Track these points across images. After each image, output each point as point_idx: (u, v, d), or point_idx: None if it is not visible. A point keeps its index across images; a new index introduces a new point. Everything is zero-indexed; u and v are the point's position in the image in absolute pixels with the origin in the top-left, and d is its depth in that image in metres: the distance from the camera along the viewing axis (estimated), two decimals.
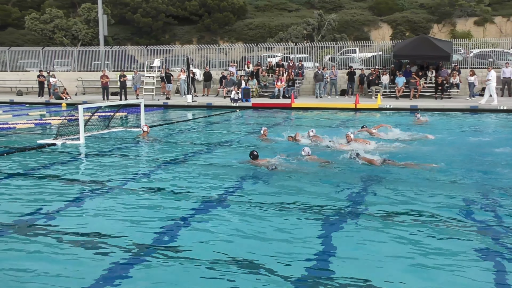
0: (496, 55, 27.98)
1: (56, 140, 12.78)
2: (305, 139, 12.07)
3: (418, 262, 5.01)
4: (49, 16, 42.97)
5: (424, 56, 25.33)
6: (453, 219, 6.28)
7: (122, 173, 9.18)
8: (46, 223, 6.30)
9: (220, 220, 6.37)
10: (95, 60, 33.64)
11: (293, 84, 26.61)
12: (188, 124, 17.54)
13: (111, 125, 15.76)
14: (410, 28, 43.00)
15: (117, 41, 44.86)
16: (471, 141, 12.68)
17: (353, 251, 5.29)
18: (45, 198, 7.47)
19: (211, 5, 46.25)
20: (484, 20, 42.44)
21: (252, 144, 12.10)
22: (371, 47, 32.83)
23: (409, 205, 6.90)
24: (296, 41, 37.21)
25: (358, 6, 48.66)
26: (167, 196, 7.62)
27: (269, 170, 8.90)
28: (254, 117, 20.07)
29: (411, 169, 9.07)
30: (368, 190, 7.85)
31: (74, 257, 5.21)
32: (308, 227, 6.05)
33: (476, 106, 20.86)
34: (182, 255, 5.21)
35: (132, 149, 12.04)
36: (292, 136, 12.19)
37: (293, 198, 7.28)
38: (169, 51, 34.89)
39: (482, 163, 9.79)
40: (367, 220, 6.30)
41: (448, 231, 5.86)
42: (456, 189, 7.75)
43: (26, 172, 9.36)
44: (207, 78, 28.40)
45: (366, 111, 21.13)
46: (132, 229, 6.04)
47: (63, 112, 21.99)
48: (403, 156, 10.02)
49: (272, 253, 5.24)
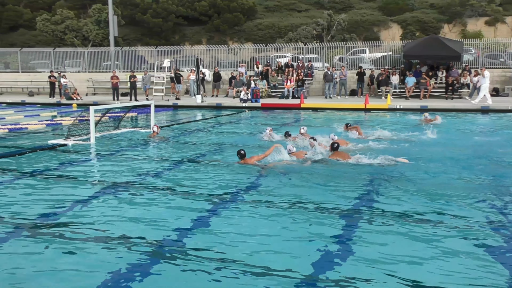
0: (507, 55, 27.78)
1: (67, 140, 12.89)
2: (299, 138, 12.29)
3: (422, 260, 5.01)
4: (60, 17, 43.32)
5: (434, 56, 25.18)
6: (453, 217, 6.27)
7: (132, 173, 9.23)
8: (57, 223, 6.36)
9: (230, 220, 6.39)
10: (106, 60, 33.84)
11: (302, 84, 26.59)
12: (197, 125, 17.59)
13: (121, 125, 15.86)
14: (420, 28, 42.77)
15: (127, 42, 45.09)
16: (469, 140, 12.80)
17: (359, 251, 5.30)
18: (56, 198, 7.54)
19: (220, 5, 46.35)
20: (495, 20, 42.13)
21: (257, 144, 12.13)
22: (381, 47, 32.73)
23: (412, 205, 6.90)
24: (306, 41, 37.17)
25: (368, 6, 48.50)
26: (177, 196, 7.66)
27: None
28: (263, 117, 20.08)
29: (416, 168, 9.07)
30: (368, 189, 7.84)
31: (85, 257, 5.25)
32: (319, 227, 6.05)
33: (487, 106, 20.71)
34: (192, 254, 5.24)
35: (142, 150, 12.11)
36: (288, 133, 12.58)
37: (301, 197, 7.29)
38: (178, 52, 35.02)
39: (480, 163, 9.87)
40: (373, 219, 6.29)
41: (448, 230, 5.84)
42: (451, 189, 7.73)
43: (37, 172, 9.45)
44: (216, 79, 28.46)
45: (376, 112, 21.07)
46: (142, 229, 6.08)
47: (74, 112, 22.14)
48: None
49: (283, 253, 5.26)
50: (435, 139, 12.72)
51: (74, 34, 42.82)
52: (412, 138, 12.76)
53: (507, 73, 25.74)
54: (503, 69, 26.52)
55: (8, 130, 15.58)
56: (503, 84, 25.82)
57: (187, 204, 7.19)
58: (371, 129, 14.27)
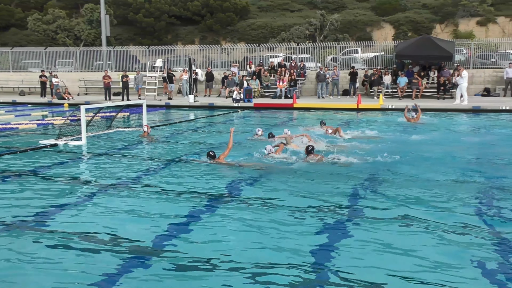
0: (499, 56, 27.96)
1: (58, 140, 12.81)
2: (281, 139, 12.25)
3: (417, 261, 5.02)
4: (52, 16, 43.06)
5: (426, 56, 25.29)
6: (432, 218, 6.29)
7: (123, 173, 9.19)
8: (47, 223, 6.32)
9: (220, 220, 6.38)
10: (98, 60, 33.71)
11: (295, 84, 26.61)
12: (189, 125, 17.56)
13: (113, 125, 15.79)
14: (412, 28, 42.91)
15: (120, 42, 44.92)
16: (450, 140, 12.99)
17: (351, 251, 5.30)
18: (47, 198, 7.49)
19: (213, 5, 46.28)
20: (487, 20, 42.34)
21: (250, 144, 12.12)
22: (373, 47, 32.82)
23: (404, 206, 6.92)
24: (298, 41, 37.20)
25: (360, 6, 48.60)
26: (168, 196, 7.63)
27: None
28: (256, 117, 20.07)
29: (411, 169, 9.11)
30: (352, 190, 7.85)
31: (73, 257, 5.21)
32: (311, 227, 6.05)
33: (479, 106, 20.81)
34: (182, 255, 5.22)
35: (133, 150, 12.06)
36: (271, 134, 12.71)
37: (294, 198, 7.30)
38: (171, 52, 34.95)
39: (467, 162, 10.04)
40: (363, 220, 6.30)
41: (438, 231, 5.86)
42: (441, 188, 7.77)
43: (28, 172, 9.38)
44: (209, 79, 28.43)
45: (368, 112, 21.12)
46: (132, 229, 6.05)
47: (66, 112, 22.03)
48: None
49: (275, 253, 5.25)
50: (420, 139, 12.96)
51: (66, 33, 42.58)
52: (389, 137, 13.05)
53: (498, 73, 25.88)
54: (494, 69, 26.67)
55: (0, 129, 15.47)
56: (495, 84, 25.96)
57: (178, 204, 7.17)
58: (351, 129, 14.42)
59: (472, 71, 26.66)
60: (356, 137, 12.91)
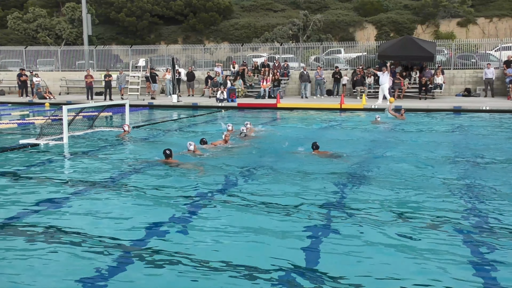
0: (479, 56, 28.34)
1: (39, 140, 12.64)
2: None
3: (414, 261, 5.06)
4: (32, 15, 42.47)
5: (408, 56, 25.53)
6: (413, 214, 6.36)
7: (105, 173, 9.11)
8: (27, 223, 6.23)
9: (204, 220, 6.36)
10: (79, 59, 33.35)
11: (278, 84, 26.65)
12: (172, 124, 17.47)
13: (95, 125, 15.64)
14: (394, 29, 43.27)
15: (102, 41, 44.49)
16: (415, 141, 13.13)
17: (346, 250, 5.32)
18: (27, 198, 7.38)
19: (196, 5, 46.09)
20: (467, 21, 42.88)
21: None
22: (356, 48, 33.01)
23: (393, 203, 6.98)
24: (282, 41, 37.25)
25: (343, 6, 48.85)
26: (150, 195, 7.57)
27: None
28: (239, 117, 20.04)
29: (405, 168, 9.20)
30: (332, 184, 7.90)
31: (55, 258, 5.15)
32: (301, 225, 6.07)
33: (460, 106, 21.08)
34: (164, 256, 5.19)
35: (115, 149, 11.96)
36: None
37: (280, 196, 7.31)
38: (154, 51, 34.74)
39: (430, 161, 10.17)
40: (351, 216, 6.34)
41: (427, 228, 5.92)
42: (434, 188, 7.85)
43: (8, 172, 9.24)
44: (190, 78, 28.34)
45: (351, 111, 21.25)
46: (114, 229, 6.00)
47: (47, 112, 21.74)
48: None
49: (266, 251, 5.25)
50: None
51: (46, 32, 42.05)
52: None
53: (479, 74, 26.24)
54: (474, 69, 27.03)
55: None
56: (475, 84, 26.31)
57: (161, 203, 7.12)
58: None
59: (453, 71, 27.01)
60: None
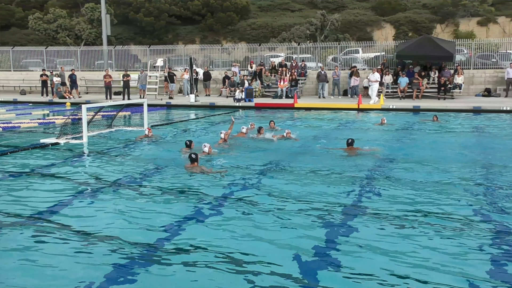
0: (499, 56, 27.95)
1: (59, 139, 12.82)
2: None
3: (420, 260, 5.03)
4: (52, 16, 43.06)
5: (427, 56, 25.28)
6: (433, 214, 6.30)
7: (124, 172, 9.19)
8: (48, 222, 6.33)
9: (222, 219, 6.39)
10: (98, 59, 33.70)
11: (296, 84, 26.61)
12: (189, 124, 17.56)
13: (114, 124, 15.79)
14: (413, 28, 42.90)
15: (120, 41, 44.90)
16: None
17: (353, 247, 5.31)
18: (48, 197, 7.50)
19: (214, 5, 46.26)
20: (487, 20, 42.33)
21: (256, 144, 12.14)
22: (374, 47, 32.81)
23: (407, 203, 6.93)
24: (299, 41, 37.19)
25: (361, 6, 48.59)
26: (168, 196, 7.63)
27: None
28: (256, 117, 20.06)
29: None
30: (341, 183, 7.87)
31: (73, 255, 5.23)
32: (310, 225, 6.07)
33: (479, 107, 20.82)
34: (183, 255, 5.23)
35: (134, 149, 12.06)
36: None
37: (293, 195, 7.31)
38: (172, 51, 34.94)
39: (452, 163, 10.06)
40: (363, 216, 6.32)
41: (442, 228, 5.87)
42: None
43: (30, 171, 9.39)
44: (206, 78, 28.45)
45: (369, 112, 21.13)
46: (131, 228, 6.06)
47: (67, 111, 22.03)
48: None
49: (274, 250, 5.27)
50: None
51: (66, 33, 42.59)
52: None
53: (499, 74, 25.88)
54: (495, 69, 26.67)
55: (2, 129, 15.48)
56: (495, 84, 25.95)
57: (178, 204, 7.17)
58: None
59: (472, 71, 26.68)
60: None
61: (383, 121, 16.25)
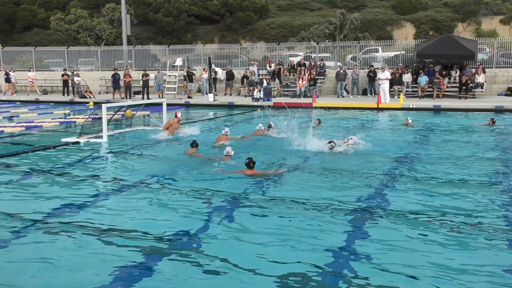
0: None
1: (79, 138, 12.97)
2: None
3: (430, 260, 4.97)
4: (73, 16, 43.63)
5: (448, 55, 24.96)
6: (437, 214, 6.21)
7: (143, 172, 9.25)
8: (68, 220, 6.40)
9: (239, 219, 6.39)
10: (118, 59, 34.02)
11: (314, 83, 26.51)
12: (209, 123, 17.61)
13: (133, 123, 15.92)
14: (434, 27, 42.40)
15: (140, 41, 45.29)
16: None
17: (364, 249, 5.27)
18: (69, 195, 7.59)
19: (233, 4, 46.35)
20: (510, 19, 41.61)
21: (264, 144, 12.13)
22: (394, 46, 32.51)
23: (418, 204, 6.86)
24: (318, 40, 37.04)
25: (381, 5, 48.19)
26: (188, 195, 7.66)
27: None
28: (274, 116, 20.02)
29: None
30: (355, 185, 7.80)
31: (93, 252, 5.28)
32: (321, 226, 6.04)
33: (502, 106, 20.47)
34: (198, 254, 5.25)
35: (153, 148, 12.13)
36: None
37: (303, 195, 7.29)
38: (191, 51, 35.10)
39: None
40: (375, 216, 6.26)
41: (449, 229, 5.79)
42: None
43: (51, 170, 9.52)
44: (229, 77, 28.52)
45: (389, 111, 20.94)
46: (152, 226, 6.10)
47: (87, 110, 22.28)
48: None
49: (282, 252, 5.26)
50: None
51: (87, 33, 43.10)
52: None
53: None
54: None
55: (25, 128, 15.75)
56: None
57: (197, 203, 7.19)
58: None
59: (495, 70, 26.26)
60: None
61: (408, 121, 15.79)
